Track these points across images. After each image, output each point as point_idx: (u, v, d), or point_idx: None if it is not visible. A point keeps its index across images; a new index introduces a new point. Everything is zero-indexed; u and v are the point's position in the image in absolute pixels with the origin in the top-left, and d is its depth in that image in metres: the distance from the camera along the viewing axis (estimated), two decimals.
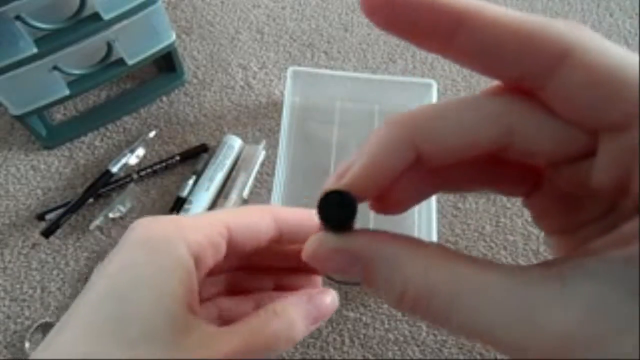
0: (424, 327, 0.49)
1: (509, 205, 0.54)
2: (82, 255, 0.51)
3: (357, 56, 0.63)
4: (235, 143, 0.55)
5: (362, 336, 0.48)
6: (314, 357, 0.48)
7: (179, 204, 0.53)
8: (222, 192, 0.54)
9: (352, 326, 0.49)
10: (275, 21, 0.65)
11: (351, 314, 0.49)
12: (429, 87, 0.55)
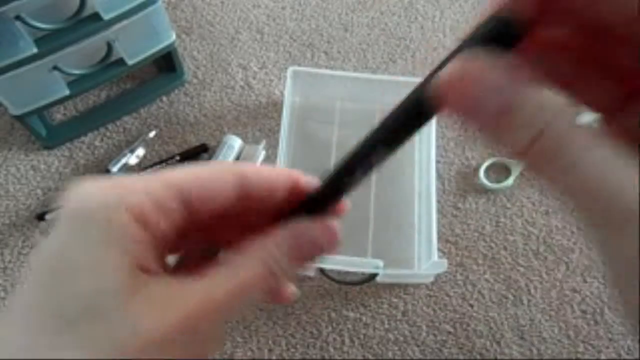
0: (424, 327, 0.49)
1: (509, 206, 0.54)
2: None
3: (357, 56, 0.63)
4: (235, 143, 0.55)
5: (362, 336, 0.48)
6: (314, 357, 0.48)
7: None
8: None
9: (352, 326, 0.49)
10: (275, 21, 0.65)
11: (351, 314, 0.49)
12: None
